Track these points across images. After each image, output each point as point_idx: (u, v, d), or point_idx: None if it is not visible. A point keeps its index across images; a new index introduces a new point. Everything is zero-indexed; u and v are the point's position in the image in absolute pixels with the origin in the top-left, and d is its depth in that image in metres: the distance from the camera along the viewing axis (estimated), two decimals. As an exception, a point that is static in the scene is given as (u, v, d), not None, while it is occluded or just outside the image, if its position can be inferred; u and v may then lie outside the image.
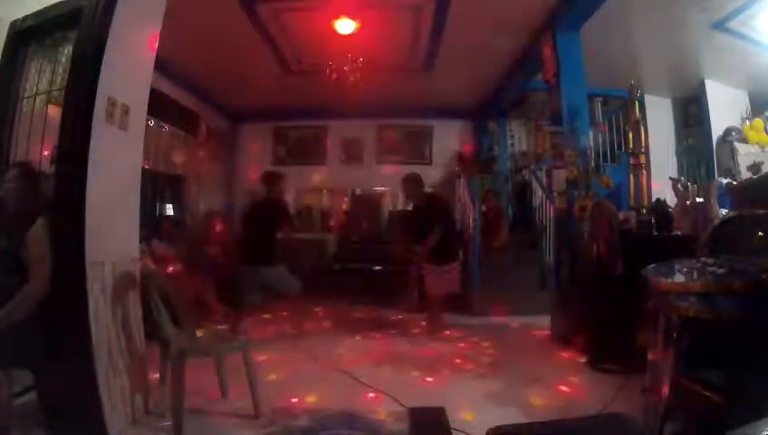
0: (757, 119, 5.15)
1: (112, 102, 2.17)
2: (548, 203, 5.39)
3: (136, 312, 2.36)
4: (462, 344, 3.87)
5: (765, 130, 5.07)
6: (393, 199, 7.50)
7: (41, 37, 2.54)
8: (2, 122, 2.48)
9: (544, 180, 5.99)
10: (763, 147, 4.94)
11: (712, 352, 1.56)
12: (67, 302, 1.96)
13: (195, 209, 6.62)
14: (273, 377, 2.95)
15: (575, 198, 3.99)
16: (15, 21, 2.51)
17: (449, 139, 7.65)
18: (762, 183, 2.67)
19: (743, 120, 5.28)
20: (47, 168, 2.33)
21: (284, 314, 4.71)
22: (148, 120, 2.66)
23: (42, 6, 2.42)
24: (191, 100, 6.46)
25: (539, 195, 5.88)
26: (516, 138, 7.49)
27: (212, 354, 2.55)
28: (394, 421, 2.29)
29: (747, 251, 1.72)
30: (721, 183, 3.42)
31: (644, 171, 3.81)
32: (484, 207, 5.78)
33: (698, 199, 3.35)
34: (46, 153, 2.39)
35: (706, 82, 5.51)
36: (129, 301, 2.31)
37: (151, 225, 4.58)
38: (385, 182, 7.39)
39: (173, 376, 2.21)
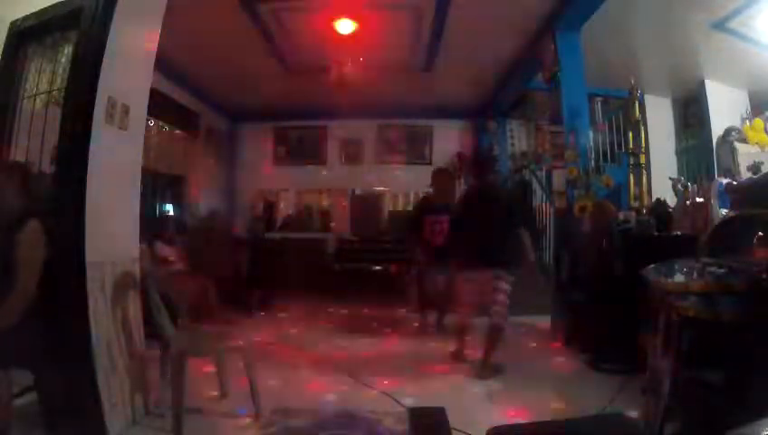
0: (757, 119, 5.14)
1: (112, 102, 2.17)
2: (548, 203, 5.39)
3: (136, 312, 2.36)
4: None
5: (765, 130, 5.07)
6: (393, 199, 7.54)
7: (41, 37, 2.54)
8: (2, 122, 2.48)
9: (544, 180, 5.99)
10: (763, 147, 4.93)
11: (712, 352, 1.56)
12: (67, 302, 1.96)
13: (195, 209, 6.62)
14: (273, 377, 2.95)
15: (575, 198, 3.99)
16: (15, 21, 2.51)
17: (449, 139, 7.66)
18: (762, 183, 2.66)
19: (743, 120, 5.28)
20: (47, 168, 2.33)
21: (285, 314, 4.71)
22: (148, 120, 2.66)
23: (42, 6, 2.42)
24: (191, 100, 6.47)
25: (539, 195, 5.89)
26: (516, 138, 7.49)
27: (212, 354, 2.55)
28: (394, 421, 2.29)
29: (747, 251, 1.72)
30: (721, 183, 3.42)
31: (644, 171, 3.82)
32: None
33: (698, 199, 3.35)
34: (46, 153, 2.39)
35: (706, 82, 5.50)
36: (129, 301, 2.31)
37: (153, 226, 4.58)
38: (385, 182, 7.41)
39: (173, 376, 2.21)
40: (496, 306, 3.11)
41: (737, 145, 5.05)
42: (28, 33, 2.52)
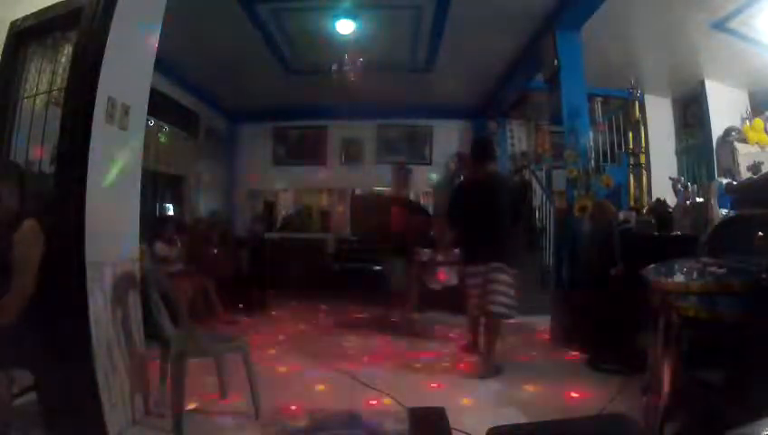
0: (757, 119, 5.14)
1: (112, 102, 2.17)
2: (548, 203, 5.40)
3: (136, 312, 2.36)
4: (462, 344, 3.87)
5: (765, 130, 5.07)
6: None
7: (41, 37, 2.53)
8: (2, 122, 2.48)
9: (544, 180, 5.99)
10: (763, 147, 4.94)
11: (712, 352, 1.56)
12: (67, 302, 1.96)
13: (195, 209, 6.63)
14: (273, 377, 2.95)
15: (575, 198, 3.99)
16: (15, 21, 2.50)
17: (449, 139, 7.65)
18: (762, 183, 2.66)
19: (743, 120, 5.28)
20: (47, 168, 2.33)
21: (284, 314, 4.71)
22: (148, 120, 2.66)
23: (42, 6, 2.42)
24: (191, 100, 6.47)
25: (539, 195, 5.89)
26: (516, 138, 7.48)
27: (212, 354, 2.55)
28: (394, 421, 2.29)
29: (747, 251, 1.72)
30: (721, 183, 3.42)
31: (644, 171, 3.82)
32: None
33: (698, 199, 3.35)
34: (46, 153, 2.39)
35: (706, 82, 5.50)
36: (129, 301, 2.31)
37: (153, 226, 4.58)
38: (385, 182, 7.38)
39: (173, 376, 2.21)
40: (494, 296, 3.12)
41: (737, 145, 5.06)
42: (28, 33, 2.52)
